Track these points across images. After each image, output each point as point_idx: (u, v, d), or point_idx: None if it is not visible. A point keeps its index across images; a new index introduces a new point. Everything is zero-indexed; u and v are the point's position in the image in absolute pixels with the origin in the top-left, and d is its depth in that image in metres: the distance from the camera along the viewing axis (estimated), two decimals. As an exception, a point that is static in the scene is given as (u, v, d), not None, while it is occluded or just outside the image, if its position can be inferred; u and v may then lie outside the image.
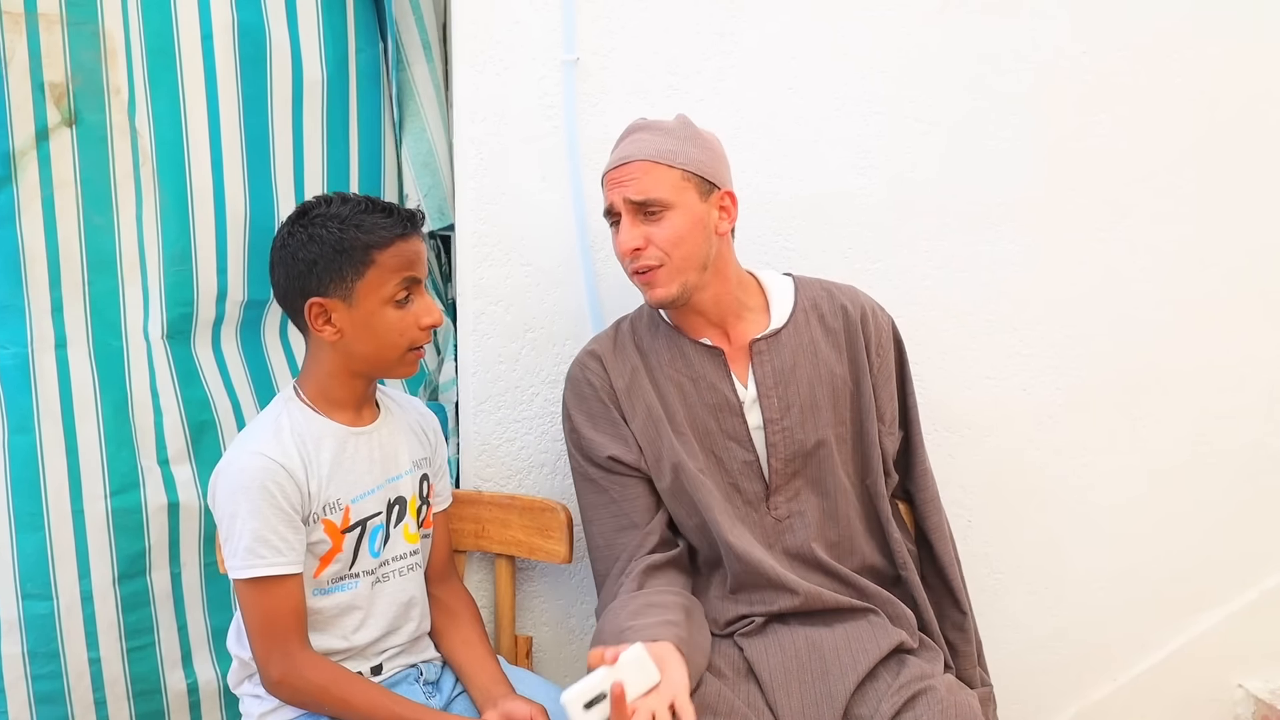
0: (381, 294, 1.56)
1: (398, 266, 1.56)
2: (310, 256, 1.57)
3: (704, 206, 1.62)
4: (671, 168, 1.60)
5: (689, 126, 1.66)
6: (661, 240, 1.60)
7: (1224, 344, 2.09)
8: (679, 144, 1.62)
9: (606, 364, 1.72)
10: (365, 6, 2.16)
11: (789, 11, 1.91)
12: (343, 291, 1.56)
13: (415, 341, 1.59)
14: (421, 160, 2.18)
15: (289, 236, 1.61)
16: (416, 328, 1.58)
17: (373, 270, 1.55)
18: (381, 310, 1.57)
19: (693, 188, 1.62)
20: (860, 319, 1.72)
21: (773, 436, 1.67)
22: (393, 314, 1.57)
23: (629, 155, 1.62)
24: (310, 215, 1.60)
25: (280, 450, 1.56)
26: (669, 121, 1.66)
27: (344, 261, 1.56)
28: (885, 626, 1.65)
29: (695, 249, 1.62)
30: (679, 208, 1.60)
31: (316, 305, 1.58)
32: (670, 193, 1.60)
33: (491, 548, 1.87)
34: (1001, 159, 1.99)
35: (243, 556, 1.53)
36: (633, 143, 1.63)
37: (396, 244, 1.56)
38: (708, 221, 1.63)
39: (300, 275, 1.59)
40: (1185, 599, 2.13)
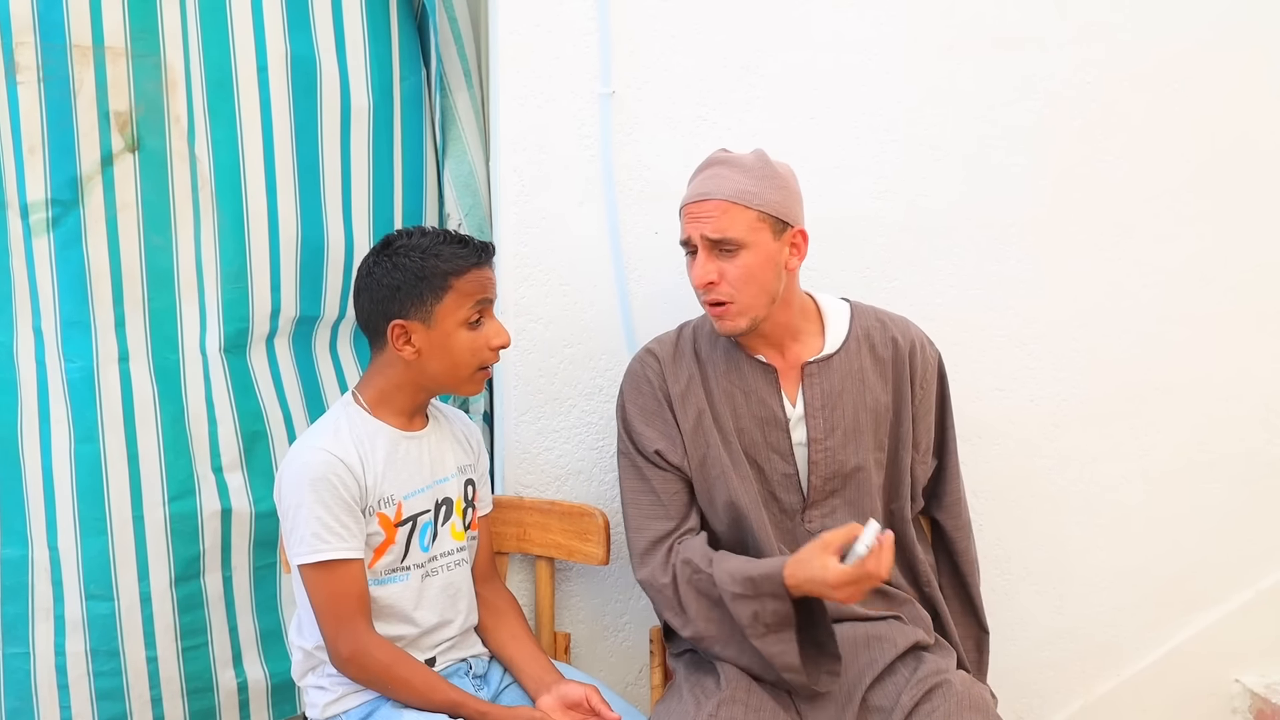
0: (457, 317, 1.69)
1: (472, 291, 1.69)
2: (394, 283, 1.70)
3: (776, 245, 1.70)
4: (748, 209, 1.67)
5: (767, 165, 1.71)
6: (734, 277, 1.68)
7: (1222, 356, 2.19)
8: (756, 184, 1.68)
9: (665, 366, 1.82)
10: (409, 36, 2.28)
11: (810, 46, 2.03)
12: (422, 314, 1.69)
13: (485, 361, 1.73)
14: (463, 182, 2.30)
15: (374, 265, 1.73)
16: (487, 348, 1.72)
17: (450, 295, 1.68)
18: (457, 332, 1.69)
19: (767, 228, 1.68)
20: (910, 352, 1.81)
21: (815, 455, 1.77)
22: (466, 335, 1.70)
23: (708, 193, 1.69)
24: (394, 246, 1.72)
25: (340, 446, 1.68)
26: (748, 157, 1.72)
27: (424, 287, 1.68)
28: (903, 627, 1.76)
29: (765, 286, 1.70)
30: (753, 247, 1.68)
31: (399, 327, 1.70)
32: (745, 233, 1.67)
33: (532, 550, 1.99)
34: (1010, 184, 2.10)
35: (309, 542, 1.64)
36: (712, 178, 1.70)
37: (472, 271, 1.69)
38: (779, 259, 1.70)
39: (384, 300, 1.71)
40: (1185, 598, 2.23)
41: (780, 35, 2.02)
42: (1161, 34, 2.12)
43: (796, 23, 2.02)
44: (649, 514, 1.80)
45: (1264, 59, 2.16)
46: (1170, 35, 2.12)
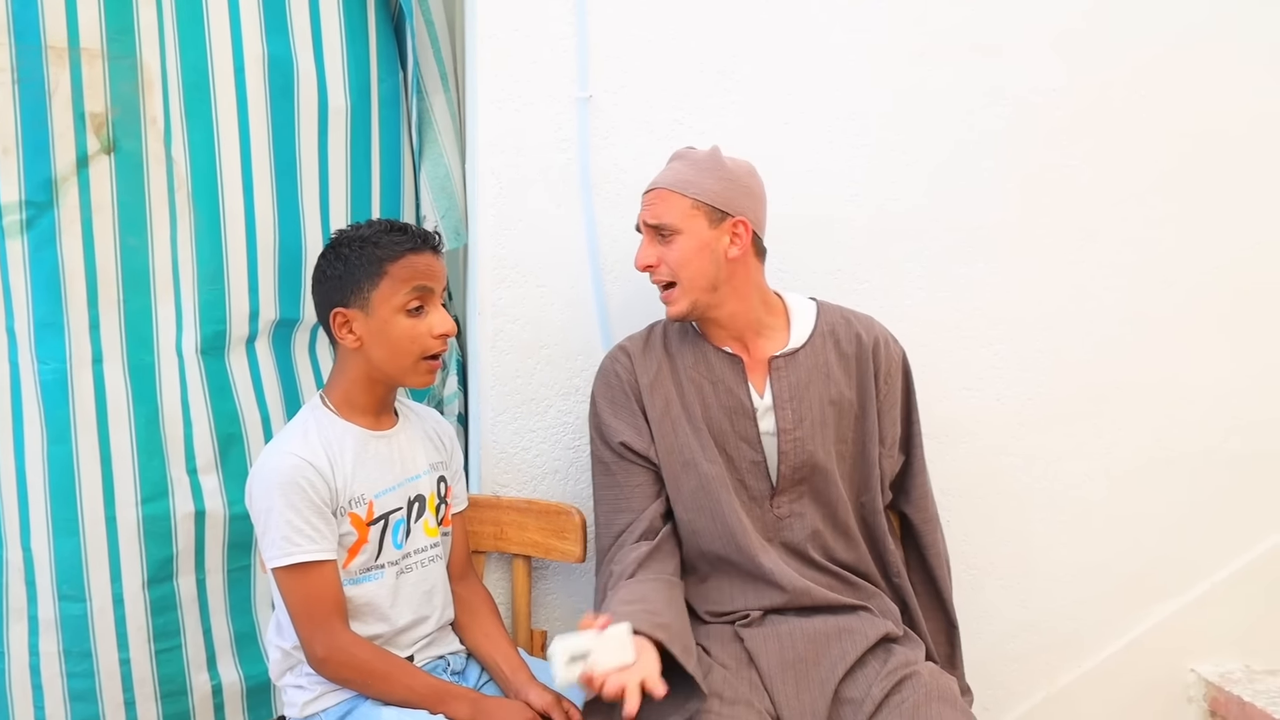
0: (394, 303, 1.71)
1: (407, 277, 1.71)
2: (336, 272, 1.73)
3: (712, 233, 1.77)
4: (684, 196, 1.76)
5: (714, 158, 1.79)
6: (671, 260, 1.77)
7: (1181, 357, 2.25)
8: (696, 175, 1.77)
9: (635, 360, 1.87)
10: (386, 37, 2.29)
11: (784, 53, 2.06)
12: (360, 302, 1.71)
13: (428, 350, 1.73)
14: (439, 184, 2.31)
15: (322, 259, 1.77)
16: (429, 336, 1.72)
17: (385, 280, 1.70)
18: (395, 318, 1.71)
19: (702, 215, 1.76)
20: (873, 348, 1.87)
21: (785, 445, 1.82)
22: (405, 322, 1.71)
23: (656, 182, 1.80)
24: (341, 238, 1.76)
25: (308, 450, 1.70)
26: (700, 152, 1.81)
27: (361, 274, 1.71)
28: (873, 619, 1.80)
29: (701, 271, 1.77)
30: (687, 233, 1.76)
31: (340, 315, 1.73)
32: (679, 219, 1.76)
33: (509, 548, 2.01)
34: (979, 188, 2.15)
35: (280, 545, 1.66)
36: (665, 170, 1.81)
37: (407, 256, 1.71)
38: (716, 247, 1.77)
39: (329, 290, 1.75)
40: (1144, 592, 2.29)
41: (755, 41, 2.06)
42: (1127, 43, 2.18)
43: (771, 28, 2.06)
44: (612, 508, 1.86)
45: (1227, 68, 2.22)
46: (1135, 44, 2.19)
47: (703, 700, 1.64)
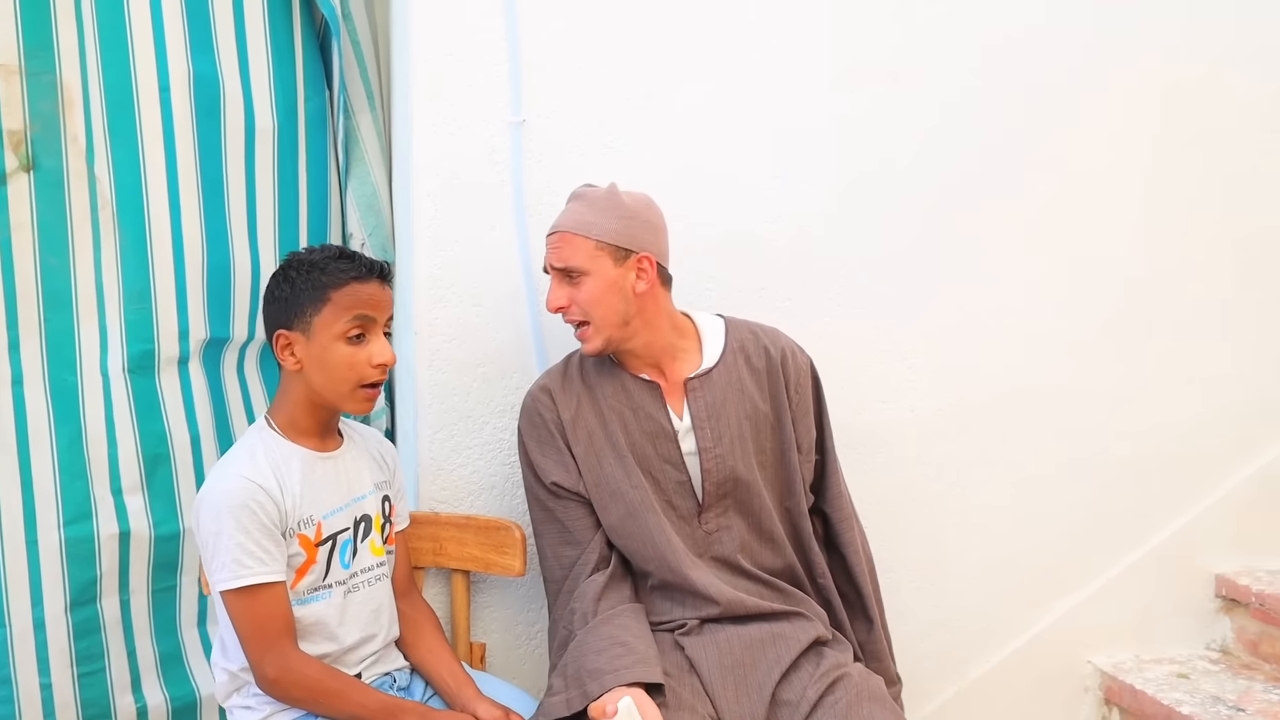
0: (334, 330, 1.72)
1: (350, 305, 1.72)
2: (283, 294, 1.74)
3: (619, 271, 1.82)
4: (587, 238, 1.81)
5: (613, 197, 1.84)
6: (582, 300, 1.82)
7: (1074, 369, 2.40)
8: (596, 215, 1.82)
9: (555, 397, 1.92)
10: (313, 57, 2.30)
11: (711, 79, 2.14)
12: (302, 325, 1.73)
13: (365, 378, 1.74)
14: (366, 201, 2.34)
15: (272, 280, 1.78)
16: (368, 365, 1.73)
17: (328, 307, 1.71)
18: (334, 345, 1.72)
19: (607, 255, 1.82)
20: (781, 360, 1.95)
21: (707, 463, 1.89)
22: (345, 349, 1.72)
23: (557, 225, 1.85)
24: (290, 261, 1.77)
25: (257, 472, 1.71)
26: (598, 191, 1.85)
27: (305, 299, 1.72)
28: (804, 623, 1.89)
29: (612, 309, 1.83)
30: (594, 274, 1.82)
31: (282, 337, 1.74)
32: (585, 261, 1.81)
33: (448, 564, 2.04)
34: (892, 211, 2.27)
35: (230, 569, 1.66)
36: (564, 212, 1.86)
37: (351, 285, 1.72)
38: (624, 284, 1.83)
39: (275, 311, 1.76)
40: (1045, 589, 2.44)
41: (682, 66, 2.13)
42: (1029, 75, 2.32)
43: (698, 56, 2.14)
44: (557, 541, 1.92)
45: (1118, 101, 2.39)
46: (1036, 75, 2.33)
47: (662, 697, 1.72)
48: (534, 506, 1.95)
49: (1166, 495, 2.49)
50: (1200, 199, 2.46)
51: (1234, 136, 2.47)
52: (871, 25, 2.23)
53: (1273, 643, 2.43)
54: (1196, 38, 2.42)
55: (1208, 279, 2.48)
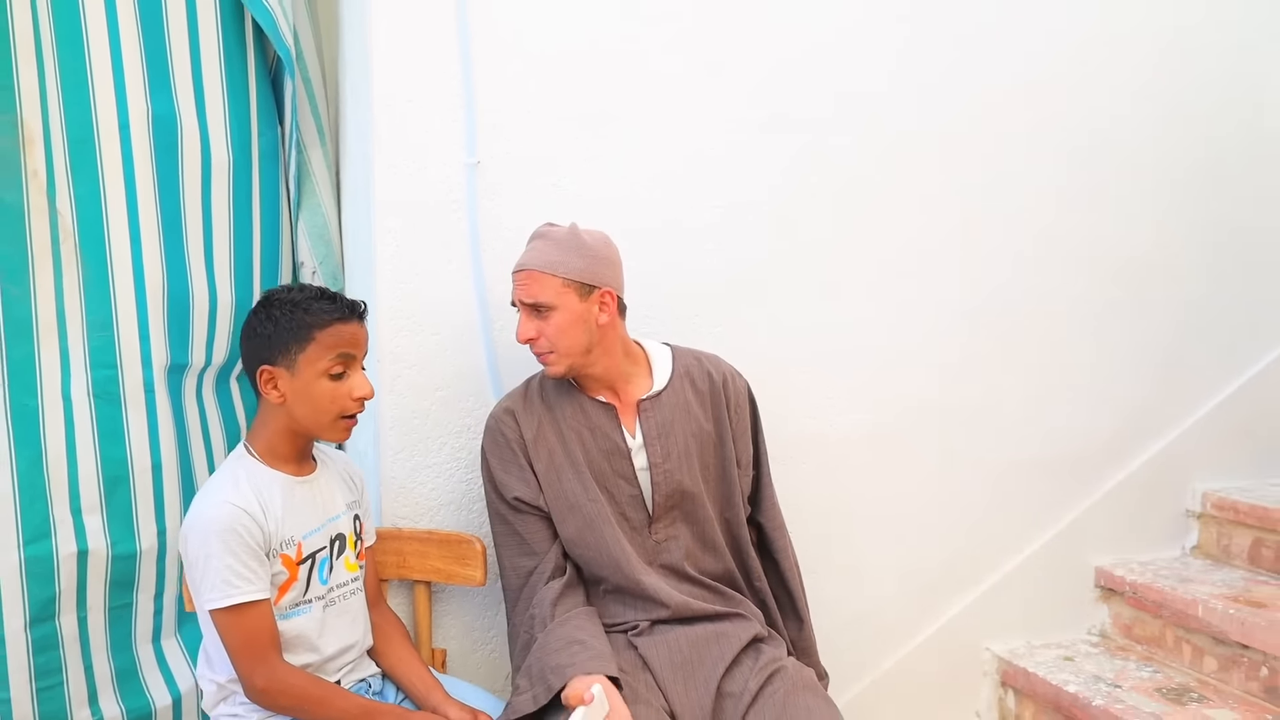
0: (318, 367, 1.84)
1: (333, 344, 1.85)
2: (266, 332, 1.86)
3: (584, 305, 1.99)
4: (555, 276, 1.97)
5: (575, 237, 2.00)
6: (549, 333, 1.98)
7: (972, 387, 2.65)
8: (562, 255, 1.98)
9: (518, 418, 2.08)
10: (266, 94, 2.41)
11: (651, 122, 2.32)
12: (287, 362, 1.84)
13: (346, 410, 1.88)
14: (317, 232, 2.46)
15: (253, 316, 1.89)
16: (349, 398, 1.87)
17: (312, 346, 1.84)
18: (318, 381, 1.85)
19: (573, 291, 1.98)
20: (722, 383, 2.15)
21: (657, 477, 2.08)
22: (327, 385, 1.85)
23: (524, 264, 2.00)
24: (272, 299, 1.88)
25: (242, 498, 1.82)
26: (561, 230, 2.01)
27: (290, 337, 1.84)
28: (744, 623, 2.08)
29: (577, 340, 2.00)
30: (561, 309, 1.98)
31: (266, 372, 1.86)
32: (553, 297, 1.97)
33: (411, 575, 2.18)
34: (809, 243, 2.47)
35: (220, 589, 1.77)
36: (530, 251, 2.01)
37: (335, 325, 1.85)
38: (588, 317, 2.00)
39: (257, 348, 1.87)
40: (948, 585, 2.69)
41: (626, 111, 2.31)
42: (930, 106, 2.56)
43: (641, 101, 2.31)
44: (516, 553, 2.07)
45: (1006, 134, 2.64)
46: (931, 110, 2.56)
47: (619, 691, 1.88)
48: (495, 520, 2.10)
49: (1053, 498, 2.76)
50: (1074, 230, 2.73)
51: (1097, 167, 2.74)
52: (794, 74, 2.43)
53: (1144, 626, 2.72)
54: (1058, 68, 2.67)
55: (1082, 302, 2.74)
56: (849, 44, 2.48)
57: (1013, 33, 2.62)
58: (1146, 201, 2.79)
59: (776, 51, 2.42)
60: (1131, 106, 2.76)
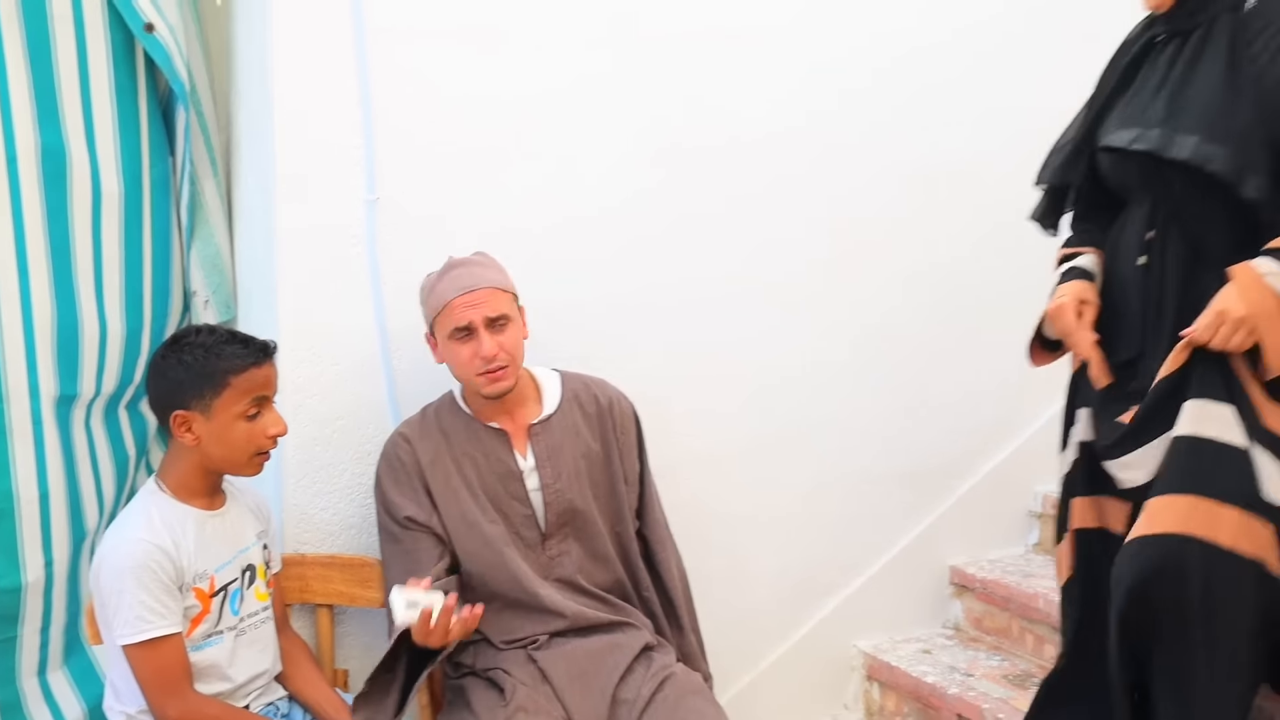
0: (234, 411, 1.90)
1: (249, 389, 1.91)
2: (178, 377, 1.90)
3: (520, 318, 2.18)
4: (506, 291, 2.14)
5: (491, 257, 2.19)
6: (509, 345, 2.12)
7: (837, 402, 2.83)
8: (499, 274, 2.16)
9: (415, 444, 2.18)
10: (157, 125, 2.44)
11: (542, 161, 2.44)
12: (201, 407, 1.90)
13: (261, 448, 1.95)
14: (210, 262, 2.50)
15: (162, 359, 1.93)
16: (264, 436, 1.94)
17: (228, 391, 1.90)
18: (234, 423, 1.91)
19: (515, 304, 2.17)
20: (608, 406, 2.29)
21: (548, 497, 2.20)
22: (243, 426, 1.92)
23: (475, 284, 2.11)
24: (181, 342, 1.93)
25: (155, 534, 1.88)
26: (481, 256, 2.17)
27: (204, 383, 1.89)
28: (635, 632, 2.23)
29: (522, 350, 2.18)
30: (513, 320, 2.15)
31: (180, 417, 1.90)
32: (509, 309, 2.14)
33: (314, 599, 2.25)
34: (686, 272, 2.61)
35: (134, 624, 1.83)
36: (469, 275, 2.12)
37: (250, 370, 1.91)
38: (523, 328, 2.19)
39: (169, 392, 1.91)
40: (820, 587, 2.88)
41: (521, 149, 2.41)
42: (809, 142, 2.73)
43: (533, 140, 2.42)
44: (401, 570, 2.13)
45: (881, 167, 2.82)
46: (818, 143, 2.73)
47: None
48: (384, 540, 2.19)
49: (912, 505, 2.98)
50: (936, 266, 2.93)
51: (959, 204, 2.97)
52: (682, 112, 2.58)
53: (993, 619, 2.97)
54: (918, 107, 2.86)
55: (930, 321, 2.93)
56: (734, 83, 2.63)
57: (887, 72, 2.81)
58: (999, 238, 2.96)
59: (665, 91, 2.55)
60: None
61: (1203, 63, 1.90)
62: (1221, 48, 1.88)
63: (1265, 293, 1.80)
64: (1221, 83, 1.86)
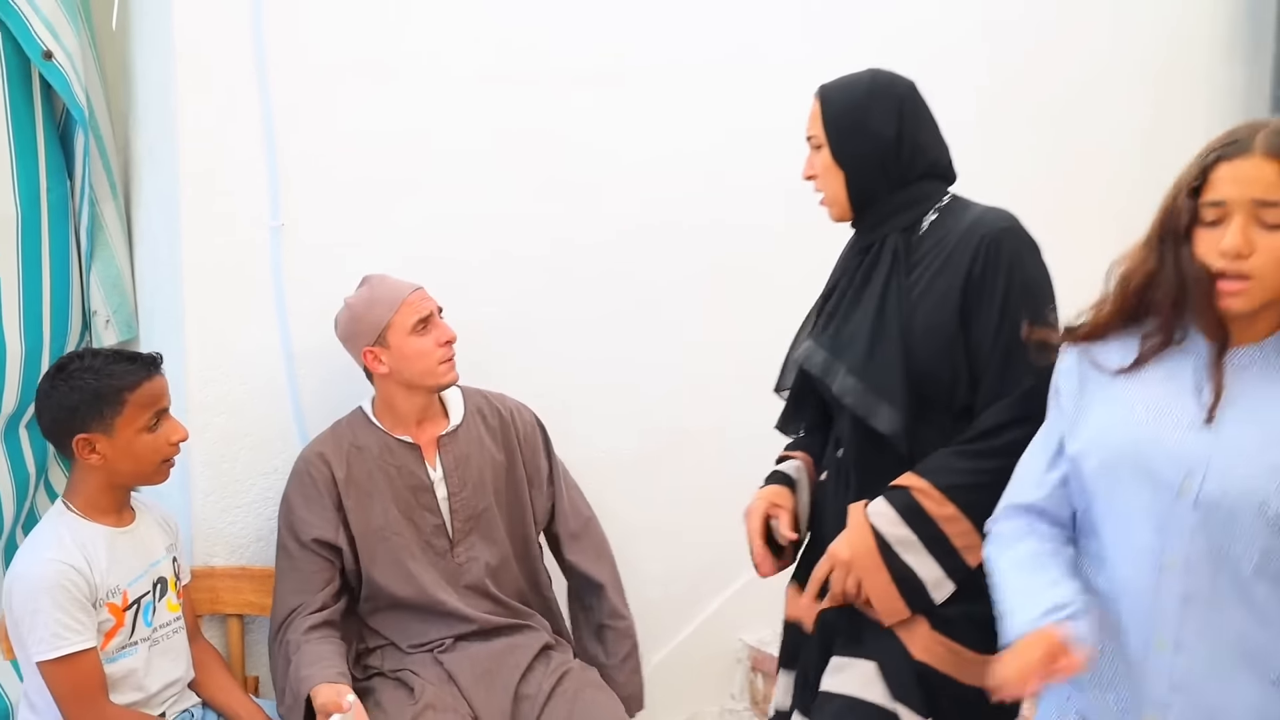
0: (135, 426, 1.98)
1: (147, 403, 1.99)
2: (72, 403, 1.95)
3: None
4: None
5: None
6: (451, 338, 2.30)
7: (722, 413, 2.99)
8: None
9: (329, 460, 2.27)
10: (54, 149, 2.48)
11: (438, 189, 2.54)
12: (103, 427, 1.96)
13: (167, 456, 2.03)
14: (111, 282, 2.55)
15: (52, 388, 1.97)
16: (167, 445, 2.02)
17: (128, 408, 1.97)
18: (137, 438, 1.98)
19: None
20: (510, 417, 2.43)
21: (455, 505, 2.33)
22: (147, 438, 1.99)
23: (413, 284, 2.28)
24: (69, 369, 1.98)
25: (66, 554, 1.94)
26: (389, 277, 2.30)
27: (102, 404, 1.95)
28: (535, 633, 2.37)
29: None
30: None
31: (82, 440, 1.96)
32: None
33: (225, 610, 2.33)
34: (581, 291, 2.76)
35: (49, 641, 1.88)
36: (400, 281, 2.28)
37: (143, 385, 1.99)
38: None
39: (66, 418, 1.96)
40: (708, 585, 3.05)
41: (417, 178, 2.52)
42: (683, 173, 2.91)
43: (430, 169, 2.53)
44: (291, 589, 2.23)
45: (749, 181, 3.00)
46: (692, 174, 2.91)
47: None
48: (281, 555, 2.27)
49: (792, 504, 3.19)
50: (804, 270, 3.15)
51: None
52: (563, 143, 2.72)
53: (867, 609, 3.19)
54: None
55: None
56: (614, 119, 2.78)
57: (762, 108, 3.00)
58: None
59: (548, 127, 2.69)
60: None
61: (869, 285, 1.85)
62: (884, 273, 1.83)
63: (868, 536, 1.75)
64: (874, 311, 1.81)
